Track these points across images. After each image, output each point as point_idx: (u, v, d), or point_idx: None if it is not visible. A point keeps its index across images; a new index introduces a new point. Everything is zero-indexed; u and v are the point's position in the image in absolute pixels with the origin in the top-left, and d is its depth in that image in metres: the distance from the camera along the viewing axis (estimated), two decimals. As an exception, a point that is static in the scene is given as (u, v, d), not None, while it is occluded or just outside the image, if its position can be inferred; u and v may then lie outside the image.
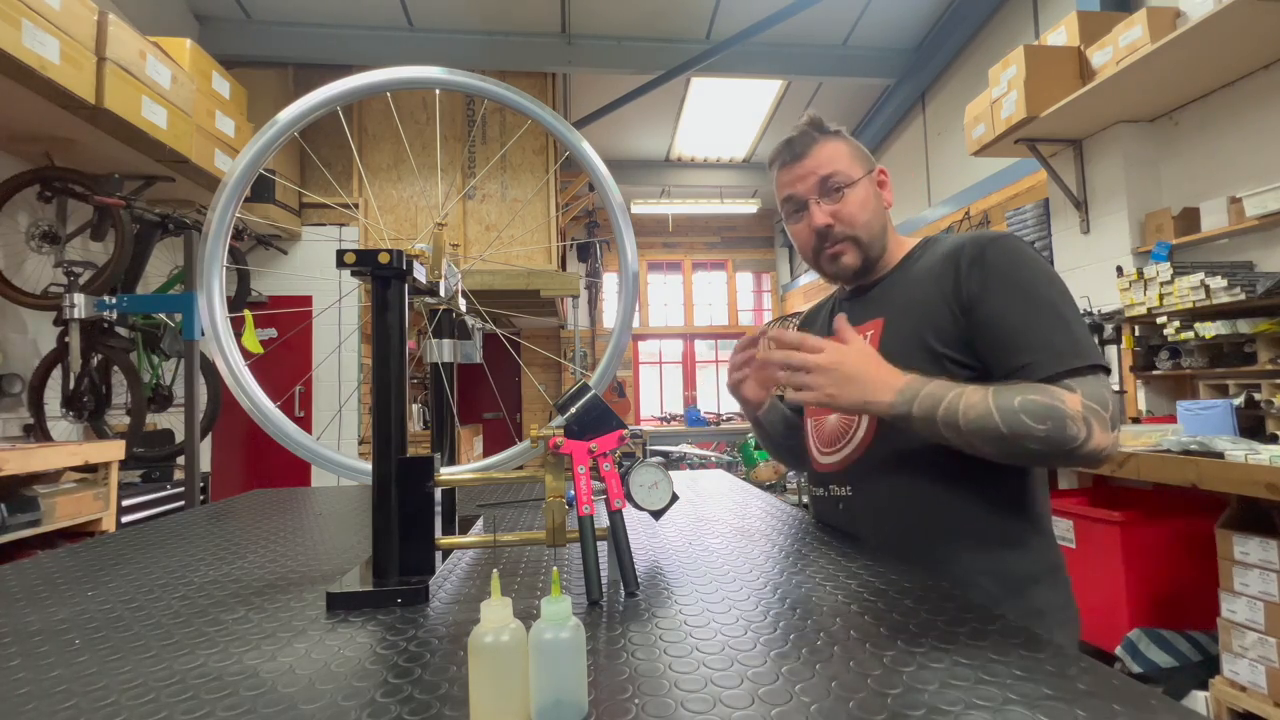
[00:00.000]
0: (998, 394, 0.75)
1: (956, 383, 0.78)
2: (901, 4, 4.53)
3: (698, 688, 0.48)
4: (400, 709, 0.46)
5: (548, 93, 4.95)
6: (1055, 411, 0.73)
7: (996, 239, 0.86)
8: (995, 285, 0.83)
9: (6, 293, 2.64)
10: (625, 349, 1.04)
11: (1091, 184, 3.20)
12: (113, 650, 0.58)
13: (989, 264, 0.84)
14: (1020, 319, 0.81)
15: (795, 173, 0.95)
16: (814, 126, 0.97)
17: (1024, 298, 0.82)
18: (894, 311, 0.93)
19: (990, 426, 0.74)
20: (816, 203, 0.94)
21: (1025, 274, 0.83)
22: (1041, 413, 0.73)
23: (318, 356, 4.53)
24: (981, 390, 0.76)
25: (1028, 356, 0.80)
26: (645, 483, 0.77)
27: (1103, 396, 0.75)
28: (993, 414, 0.74)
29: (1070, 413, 0.73)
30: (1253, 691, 1.76)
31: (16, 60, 2.06)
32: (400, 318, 0.76)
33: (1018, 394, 0.75)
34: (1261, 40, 2.37)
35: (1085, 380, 0.76)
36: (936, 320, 0.87)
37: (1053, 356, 0.78)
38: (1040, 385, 0.76)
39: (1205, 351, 2.55)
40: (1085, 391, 0.75)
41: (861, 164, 0.96)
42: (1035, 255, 0.86)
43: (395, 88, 0.95)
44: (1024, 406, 0.73)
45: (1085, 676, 0.48)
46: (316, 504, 1.33)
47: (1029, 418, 0.73)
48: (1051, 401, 0.74)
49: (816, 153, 0.94)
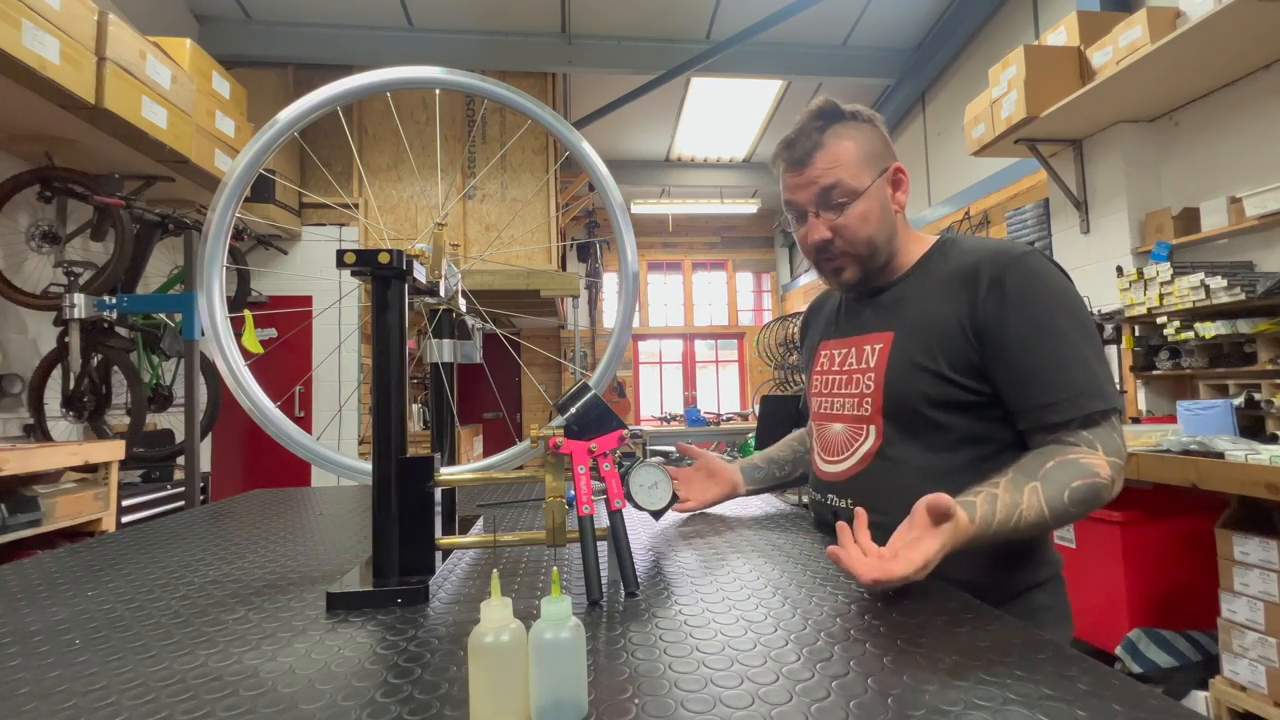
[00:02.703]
0: (1046, 491, 0.74)
1: (998, 493, 0.73)
2: (901, 4, 4.53)
3: (698, 688, 0.48)
4: (400, 709, 0.46)
5: (548, 93, 4.95)
6: (1095, 488, 0.75)
7: (1017, 261, 0.83)
8: (1014, 315, 0.80)
9: (6, 293, 2.64)
10: (625, 349, 1.04)
11: (1091, 184, 3.20)
12: (113, 650, 0.58)
13: (1008, 291, 0.81)
14: (1039, 355, 0.79)
15: (797, 180, 0.90)
16: (822, 118, 0.89)
17: (1043, 331, 0.80)
18: (905, 327, 0.89)
19: (1041, 526, 0.74)
20: (816, 215, 0.89)
21: (1045, 304, 0.81)
22: (1088, 498, 0.74)
23: (318, 356, 4.53)
24: (1031, 493, 0.74)
25: (1046, 397, 0.79)
26: (645, 483, 0.77)
27: (1119, 446, 0.78)
28: (1045, 515, 0.73)
29: (1104, 481, 0.75)
30: (1253, 691, 1.76)
31: (16, 60, 2.06)
32: (400, 318, 0.76)
33: (1062, 486, 0.74)
34: (1261, 40, 2.37)
35: (1104, 429, 0.78)
36: (948, 343, 0.84)
37: (1072, 401, 0.78)
38: (1070, 458, 0.76)
39: (1205, 351, 2.55)
40: (1106, 446, 0.77)
41: (872, 165, 0.89)
42: (1056, 280, 0.83)
43: (395, 88, 0.95)
44: (1073, 498, 0.74)
45: (1085, 676, 0.48)
46: (316, 504, 1.33)
47: (1076, 507, 0.74)
48: (1091, 481, 0.75)
49: (819, 159, 0.88)
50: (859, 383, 0.93)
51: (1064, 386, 0.78)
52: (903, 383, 0.86)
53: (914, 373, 0.85)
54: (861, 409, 0.91)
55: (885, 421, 0.88)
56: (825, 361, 1.01)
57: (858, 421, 0.91)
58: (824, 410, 0.98)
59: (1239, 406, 2.24)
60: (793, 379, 6.08)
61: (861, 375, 0.92)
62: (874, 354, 0.92)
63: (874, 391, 0.89)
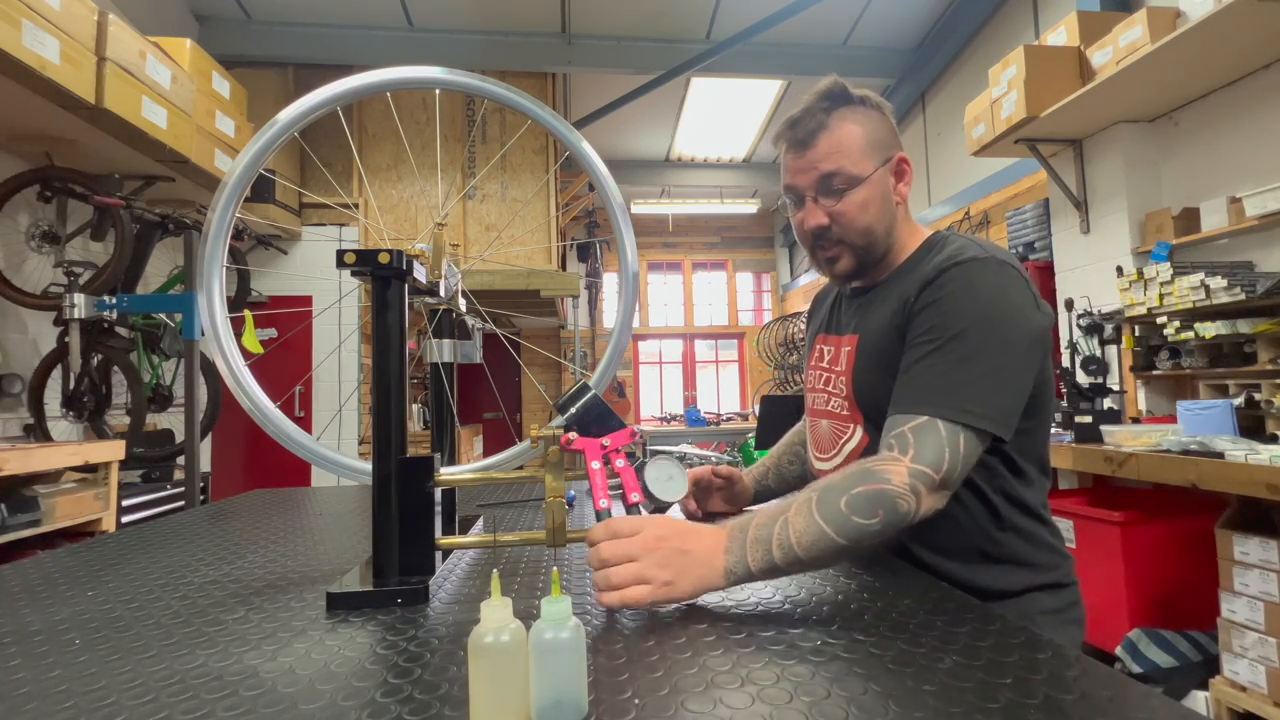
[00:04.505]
0: (821, 504, 0.68)
1: (771, 503, 0.71)
2: (901, 4, 4.53)
3: (698, 688, 0.48)
4: (400, 709, 0.46)
5: (548, 93, 4.95)
6: (883, 497, 0.67)
7: (960, 266, 0.79)
8: (925, 315, 0.78)
9: (6, 293, 2.64)
10: (625, 349, 1.04)
11: (1091, 184, 3.20)
12: (113, 650, 0.58)
13: (934, 293, 0.78)
14: (926, 356, 0.76)
15: (798, 162, 0.86)
16: (829, 100, 0.86)
17: (940, 334, 0.76)
18: (868, 330, 0.89)
19: (827, 545, 0.67)
20: (814, 200, 0.86)
21: (961, 311, 0.76)
22: (870, 505, 0.67)
23: (318, 356, 4.53)
24: (802, 504, 0.69)
25: (899, 393, 0.75)
26: (662, 476, 0.77)
27: (940, 457, 0.70)
28: (824, 530, 0.67)
29: (896, 490, 0.68)
30: (1253, 691, 1.76)
31: (16, 60, 2.06)
32: (400, 318, 0.76)
33: (840, 493, 0.68)
34: (1261, 40, 2.37)
35: (928, 434, 0.71)
36: (895, 346, 0.82)
37: (916, 395, 0.73)
38: (866, 464, 0.71)
39: (1205, 351, 2.55)
40: (919, 451, 0.70)
41: (876, 153, 0.86)
42: (991, 290, 0.77)
43: (395, 88, 0.95)
44: (851, 505, 0.67)
45: (1085, 677, 0.48)
46: (316, 504, 1.33)
47: (860, 516, 0.67)
48: (878, 487, 0.68)
49: (822, 142, 0.84)
50: (834, 383, 0.93)
51: (926, 386, 0.74)
52: (865, 386, 0.86)
53: (874, 375, 0.85)
54: (842, 408, 0.91)
55: (865, 421, 0.88)
56: (816, 356, 1.01)
57: (842, 420, 0.92)
58: (815, 406, 0.98)
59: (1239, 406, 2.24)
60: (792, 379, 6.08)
61: (835, 376, 0.93)
62: (845, 356, 0.92)
63: (846, 393, 0.90)
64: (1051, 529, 0.88)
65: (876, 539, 0.68)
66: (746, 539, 0.68)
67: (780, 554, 0.67)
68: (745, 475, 1.12)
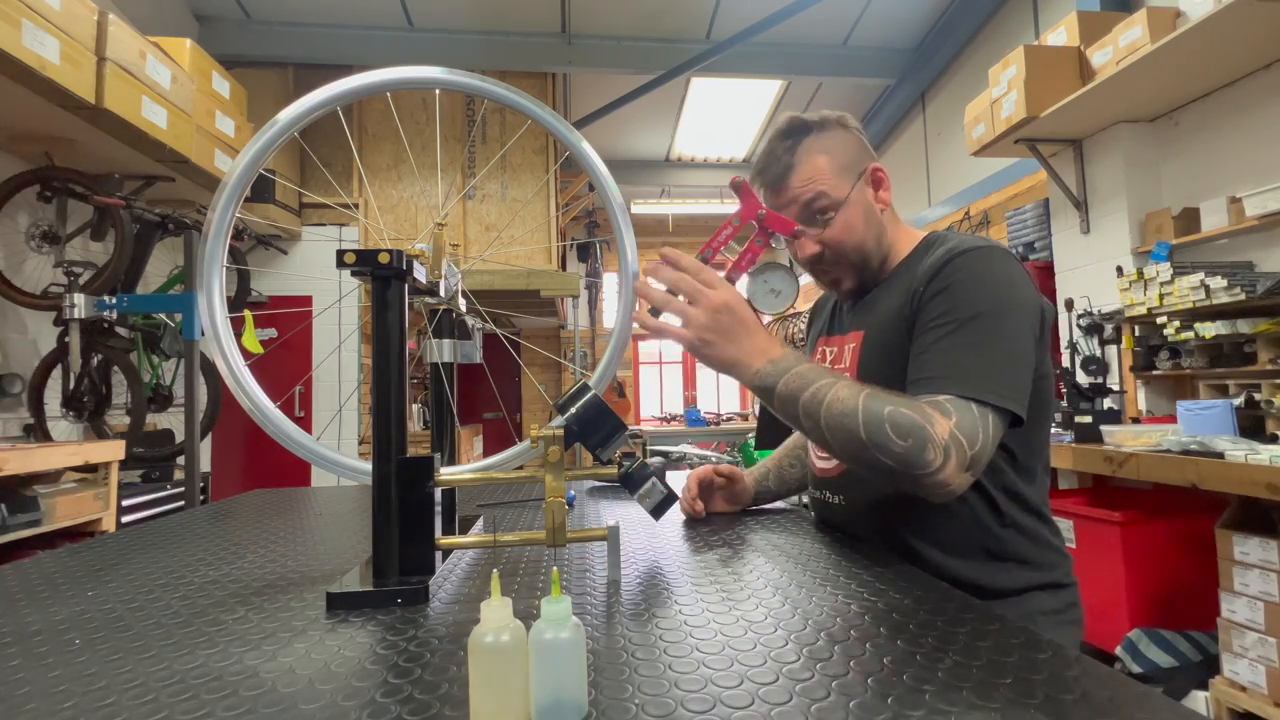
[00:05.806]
0: (870, 397, 0.69)
1: (836, 373, 0.73)
2: (901, 4, 4.53)
3: (698, 688, 0.48)
4: (400, 709, 0.46)
5: (548, 93, 4.95)
6: (920, 432, 0.67)
7: (964, 255, 0.80)
8: (937, 302, 0.79)
9: (6, 293, 2.64)
10: (625, 349, 1.04)
11: (1091, 184, 3.20)
12: (113, 650, 0.58)
13: (942, 281, 0.79)
14: (944, 338, 0.76)
15: (776, 201, 0.90)
16: (790, 138, 0.89)
17: (955, 318, 0.76)
18: (872, 326, 0.90)
19: (851, 427, 0.68)
20: (803, 231, 0.88)
21: (971, 296, 0.77)
22: (906, 429, 0.67)
23: (318, 356, 4.53)
24: (855, 387, 0.71)
25: (927, 372, 0.75)
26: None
27: (975, 433, 0.70)
28: (858, 415, 0.68)
29: (934, 437, 0.67)
30: (1253, 691, 1.76)
31: (16, 60, 2.06)
32: (400, 318, 0.76)
33: (889, 403, 0.69)
34: (1261, 40, 2.37)
35: (969, 410, 0.71)
36: (902, 339, 0.83)
37: (952, 379, 0.73)
38: (916, 401, 0.71)
39: (1205, 351, 2.55)
40: (960, 420, 0.69)
41: (849, 172, 0.89)
42: (997, 278, 0.79)
43: (395, 88, 0.95)
44: (892, 418, 0.68)
45: (1085, 677, 0.48)
46: (316, 504, 1.33)
47: (893, 430, 0.67)
48: (920, 421, 0.68)
49: (794, 180, 0.88)
50: None
51: (950, 366, 0.74)
52: (870, 380, 0.87)
53: (879, 370, 0.85)
54: None
55: None
56: (819, 359, 1.02)
57: None
58: None
59: (1239, 406, 2.24)
60: (793, 379, 6.05)
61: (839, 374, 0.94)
62: (849, 353, 0.93)
63: None
64: (1052, 528, 0.88)
65: (887, 462, 0.68)
66: (794, 366, 0.72)
67: (808, 401, 0.70)
68: (746, 475, 1.12)
